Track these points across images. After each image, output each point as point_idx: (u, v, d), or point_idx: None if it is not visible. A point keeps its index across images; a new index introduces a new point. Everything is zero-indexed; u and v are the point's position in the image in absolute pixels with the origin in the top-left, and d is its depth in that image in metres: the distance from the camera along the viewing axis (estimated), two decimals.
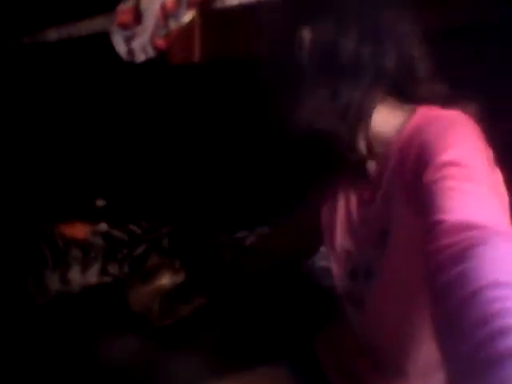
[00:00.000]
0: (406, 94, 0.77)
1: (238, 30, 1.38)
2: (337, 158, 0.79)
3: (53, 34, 1.88)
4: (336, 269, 0.89)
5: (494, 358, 0.40)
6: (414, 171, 0.65)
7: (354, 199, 0.86)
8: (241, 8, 1.40)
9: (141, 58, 1.67)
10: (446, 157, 0.61)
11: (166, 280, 1.33)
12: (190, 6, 1.52)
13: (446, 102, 0.74)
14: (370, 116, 0.75)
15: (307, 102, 0.75)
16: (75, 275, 1.50)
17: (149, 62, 1.62)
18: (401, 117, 0.75)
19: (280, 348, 1.11)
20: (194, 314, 1.24)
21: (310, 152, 0.80)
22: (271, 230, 1.37)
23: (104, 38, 1.65)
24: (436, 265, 0.53)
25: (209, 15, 1.51)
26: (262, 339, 1.17)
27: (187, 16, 1.54)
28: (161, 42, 1.64)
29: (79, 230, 1.68)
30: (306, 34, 0.76)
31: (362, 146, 0.76)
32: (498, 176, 0.70)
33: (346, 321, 0.92)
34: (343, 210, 0.88)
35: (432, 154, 0.62)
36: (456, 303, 0.47)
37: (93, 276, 1.52)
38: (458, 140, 0.64)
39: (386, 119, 0.76)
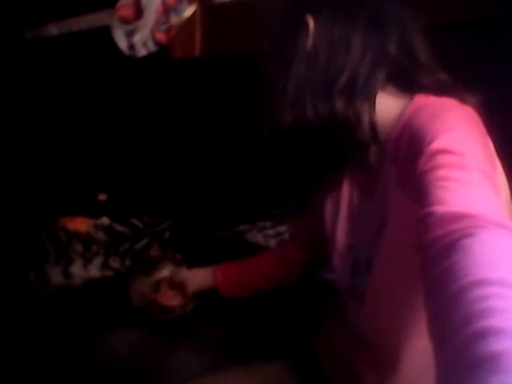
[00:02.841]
0: (406, 80, 0.76)
1: (239, 25, 1.38)
2: (342, 147, 0.79)
3: (54, 29, 1.88)
4: (338, 264, 0.90)
5: (472, 362, 0.40)
6: (407, 160, 0.66)
7: (356, 194, 0.86)
8: (242, 3, 1.40)
9: (142, 52, 1.67)
10: (436, 145, 0.60)
11: (167, 272, 1.33)
12: (191, 0, 1.52)
13: (446, 90, 0.73)
14: (375, 97, 0.75)
15: (311, 85, 0.76)
16: (77, 269, 1.51)
17: (150, 57, 1.62)
18: (399, 106, 0.75)
19: (278, 344, 1.12)
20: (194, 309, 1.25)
21: (314, 143, 0.79)
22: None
23: (105, 32, 1.65)
24: (427, 258, 0.53)
25: (210, 10, 1.51)
26: (260, 336, 1.18)
27: (188, 11, 1.53)
28: (162, 37, 1.64)
29: (81, 224, 1.69)
30: (310, 21, 0.76)
31: (366, 129, 0.75)
32: (496, 164, 0.68)
33: (344, 317, 0.92)
34: (346, 206, 0.88)
35: (423, 142, 0.62)
36: (443, 301, 0.47)
37: (95, 270, 1.52)
38: (449, 125, 0.63)
39: (385, 108, 0.76)
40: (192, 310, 1.25)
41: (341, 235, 0.89)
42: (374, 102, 0.74)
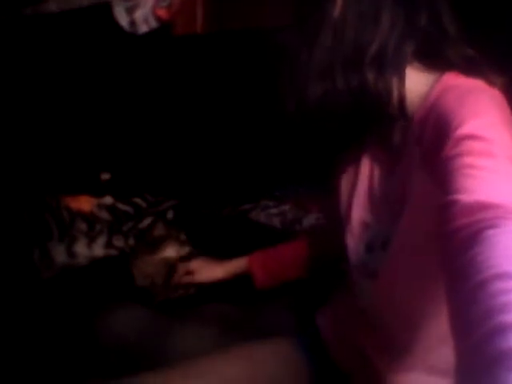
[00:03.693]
0: (434, 55, 0.74)
1: (241, 1, 1.36)
2: (369, 120, 0.77)
3: (53, 6, 1.85)
4: (350, 241, 0.88)
5: (492, 357, 0.39)
6: (432, 143, 0.64)
7: (376, 172, 0.85)
8: None
9: (143, 29, 1.66)
10: (464, 130, 0.59)
11: (171, 251, 1.33)
12: None
13: (474, 69, 0.71)
14: (404, 71, 0.73)
15: (339, 55, 0.73)
16: (81, 248, 1.51)
17: (151, 34, 1.60)
18: (427, 83, 0.73)
19: (282, 322, 1.12)
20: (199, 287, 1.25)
21: (341, 116, 0.76)
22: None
23: (106, 8, 1.63)
24: (450, 248, 0.52)
25: None
26: (264, 313, 1.18)
27: None
28: (163, 13, 1.62)
29: (85, 203, 1.69)
30: None
31: (395, 104, 0.73)
32: None
33: (351, 294, 0.92)
34: (365, 183, 0.86)
35: (450, 126, 0.61)
36: (465, 293, 0.46)
37: (98, 249, 1.52)
38: (478, 110, 0.61)
39: (413, 84, 0.74)
40: (196, 290, 1.26)
41: (357, 212, 0.87)
42: (404, 76, 0.73)
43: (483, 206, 0.51)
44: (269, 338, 1.02)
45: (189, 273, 1.22)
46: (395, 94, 0.72)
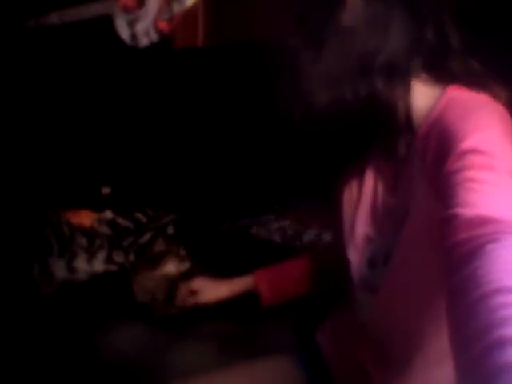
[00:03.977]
0: (438, 68, 0.74)
1: (242, 14, 1.36)
2: (375, 131, 0.77)
3: (55, 18, 1.86)
4: (354, 256, 0.88)
5: (491, 372, 0.39)
6: (435, 158, 0.64)
7: (380, 186, 0.84)
8: None
9: (144, 42, 1.66)
10: (466, 144, 0.59)
11: (171, 267, 1.33)
12: None
13: (478, 82, 0.71)
14: (410, 81, 0.73)
15: (347, 63, 0.73)
16: (81, 263, 1.50)
17: (152, 47, 1.60)
18: (432, 96, 0.73)
19: (282, 339, 1.12)
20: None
21: (347, 126, 0.76)
22: None
23: (107, 22, 1.63)
24: (451, 262, 0.52)
25: None
26: (263, 330, 1.17)
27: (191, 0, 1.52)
28: (164, 26, 1.62)
29: (85, 218, 1.68)
30: None
31: (401, 115, 0.73)
32: None
33: (351, 310, 0.91)
34: (369, 197, 0.86)
35: (453, 141, 0.61)
36: (465, 307, 0.46)
37: (99, 264, 1.52)
38: (481, 125, 0.61)
39: (418, 96, 0.74)
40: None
41: (360, 227, 0.87)
42: (410, 88, 0.73)
43: (484, 221, 0.51)
44: (269, 355, 1.02)
45: (192, 293, 1.19)
46: (402, 105, 0.72)
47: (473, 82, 0.72)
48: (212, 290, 1.17)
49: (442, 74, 0.74)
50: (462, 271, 0.49)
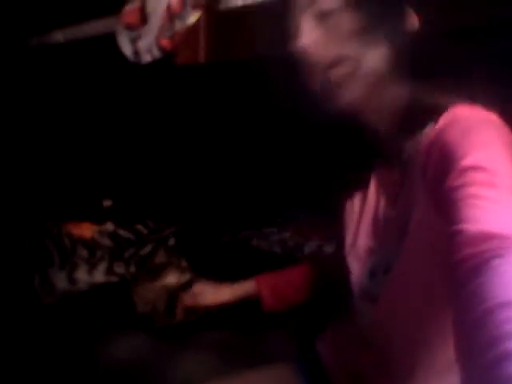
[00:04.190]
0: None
1: (243, 31, 1.38)
2: (370, 148, 0.79)
3: (59, 36, 1.89)
4: (355, 267, 0.88)
5: (499, 383, 0.40)
6: (436, 175, 0.65)
7: (383, 200, 0.86)
8: (245, 9, 1.40)
9: (146, 58, 1.68)
10: (467, 161, 0.59)
11: (172, 278, 1.33)
12: (195, 7, 1.53)
13: (479, 98, 0.72)
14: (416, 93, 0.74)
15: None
16: (82, 274, 1.50)
17: (154, 63, 1.62)
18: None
19: (283, 348, 1.11)
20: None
21: (341, 144, 0.79)
22: None
23: (110, 39, 1.66)
24: (455, 277, 0.52)
25: (214, 16, 1.51)
26: (263, 340, 1.17)
27: (193, 17, 1.54)
28: (166, 43, 1.64)
29: (86, 230, 1.69)
30: None
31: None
32: None
33: (352, 320, 0.92)
34: (371, 210, 0.87)
35: (454, 158, 0.61)
36: (470, 322, 0.47)
37: (99, 275, 1.52)
38: (481, 141, 0.62)
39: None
40: (197, 316, 1.25)
41: (363, 239, 0.88)
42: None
43: (488, 237, 0.52)
44: (269, 364, 1.02)
45: (193, 295, 1.18)
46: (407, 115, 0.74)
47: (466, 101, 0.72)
48: (213, 293, 1.16)
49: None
50: (467, 286, 0.49)
